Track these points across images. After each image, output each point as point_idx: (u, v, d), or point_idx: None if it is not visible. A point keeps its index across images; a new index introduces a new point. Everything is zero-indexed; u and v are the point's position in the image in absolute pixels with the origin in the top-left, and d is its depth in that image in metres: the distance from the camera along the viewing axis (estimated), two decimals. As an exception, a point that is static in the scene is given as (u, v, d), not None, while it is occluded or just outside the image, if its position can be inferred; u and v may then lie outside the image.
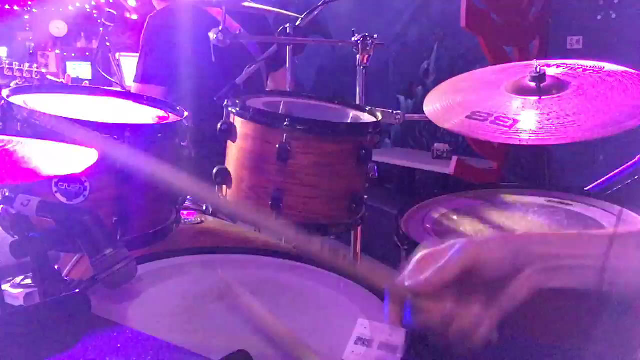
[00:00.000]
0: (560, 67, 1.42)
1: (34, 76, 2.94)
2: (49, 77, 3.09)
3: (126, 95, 1.53)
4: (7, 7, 6.33)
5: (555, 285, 0.73)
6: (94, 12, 6.46)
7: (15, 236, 0.86)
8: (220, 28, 1.85)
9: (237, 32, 2.10)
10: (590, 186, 1.54)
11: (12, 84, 2.86)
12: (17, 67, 2.93)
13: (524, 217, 1.42)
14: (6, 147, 0.84)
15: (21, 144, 0.88)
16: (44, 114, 1.17)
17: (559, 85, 1.34)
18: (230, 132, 1.38)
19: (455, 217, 1.44)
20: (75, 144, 0.94)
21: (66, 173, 1.00)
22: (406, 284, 0.71)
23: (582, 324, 1.14)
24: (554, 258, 0.71)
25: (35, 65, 3.02)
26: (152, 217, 1.28)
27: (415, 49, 4.59)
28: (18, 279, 1.43)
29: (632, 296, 0.74)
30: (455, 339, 0.69)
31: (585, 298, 1.14)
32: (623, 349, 1.16)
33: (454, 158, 3.39)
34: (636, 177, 1.38)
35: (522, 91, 1.36)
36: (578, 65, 1.41)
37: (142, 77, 2.39)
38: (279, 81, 2.56)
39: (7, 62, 2.96)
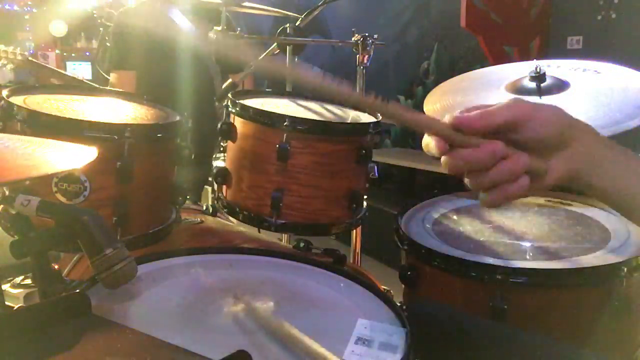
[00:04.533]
0: (560, 67, 1.42)
1: (17, 57, 2.91)
2: (31, 58, 3.06)
3: (126, 95, 1.53)
4: (7, 7, 6.33)
5: (583, 183, 0.71)
6: (94, 12, 6.45)
7: (15, 236, 0.86)
8: (220, 28, 1.86)
9: (237, 32, 2.10)
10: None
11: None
12: (2, 49, 2.90)
13: (523, 216, 1.42)
14: (6, 145, 0.84)
15: (21, 142, 0.88)
16: (44, 114, 1.17)
17: (559, 85, 1.34)
18: (230, 132, 1.38)
19: (455, 217, 1.44)
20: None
21: (66, 169, 1.00)
22: (452, 119, 0.67)
23: (582, 323, 1.14)
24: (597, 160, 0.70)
25: (19, 48, 2.97)
26: (152, 217, 1.28)
27: (415, 49, 4.58)
28: (18, 279, 1.43)
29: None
30: (488, 183, 0.67)
31: (586, 297, 1.14)
32: (623, 349, 1.16)
33: (454, 158, 3.40)
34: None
35: (522, 91, 1.36)
36: (578, 65, 1.42)
37: (116, 63, 2.51)
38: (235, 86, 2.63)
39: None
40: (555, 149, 0.68)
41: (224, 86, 2.62)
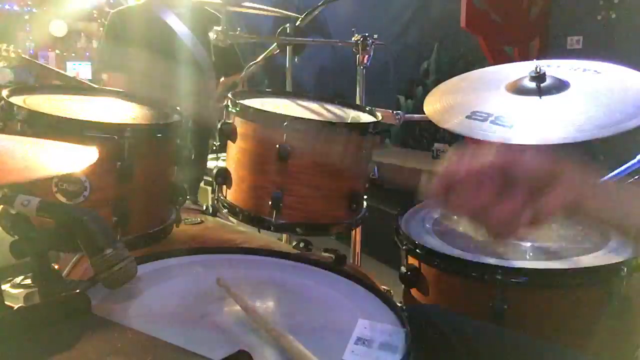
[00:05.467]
0: (560, 67, 1.42)
1: (10, 54, 2.91)
2: (24, 55, 3.06)
3: (126, 95, 1.53)
4: (7, 7, 6.33)
5: (579, 214, 0.74)
6: (94, 12, 6.45)
7: (15, 236, 0.86)
8: (220, 28, 1.86)
9: (237, 32, 2.10)
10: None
11: None
12: None
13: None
14: (6, 146, 0.84)
15: (21, 142, 0.88)
16: (44, 114, 1.17)
17: (559, 85, 1.34)
18: (230, 132, 1.37)
19: (455, 217, 1.44)
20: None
21: (67, 171, 1.00)
22: (445, 170, 0.71)
23: (582, 323, 1.14)
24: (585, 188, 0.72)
25: (12, 45, 2.97)
26: (151, 217, 1.28)
27: (415, 49, 4.58)
28: (18, 279, 1.43)
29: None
30: (491, 226, 0.70)
31: (586, 297, 1.14)
32: (623, 349, 1.16)
33: (454, 158, 3.40)
34: (636, 177, 1.38)
35: (522, 91, 1.36)
36: (578, 65, 1.41)
37: (108, 64, 2.60)
38: (229, 87, 2.66)
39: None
40: (547, 185, 0.70)
41: (220, 83, 2.66)
